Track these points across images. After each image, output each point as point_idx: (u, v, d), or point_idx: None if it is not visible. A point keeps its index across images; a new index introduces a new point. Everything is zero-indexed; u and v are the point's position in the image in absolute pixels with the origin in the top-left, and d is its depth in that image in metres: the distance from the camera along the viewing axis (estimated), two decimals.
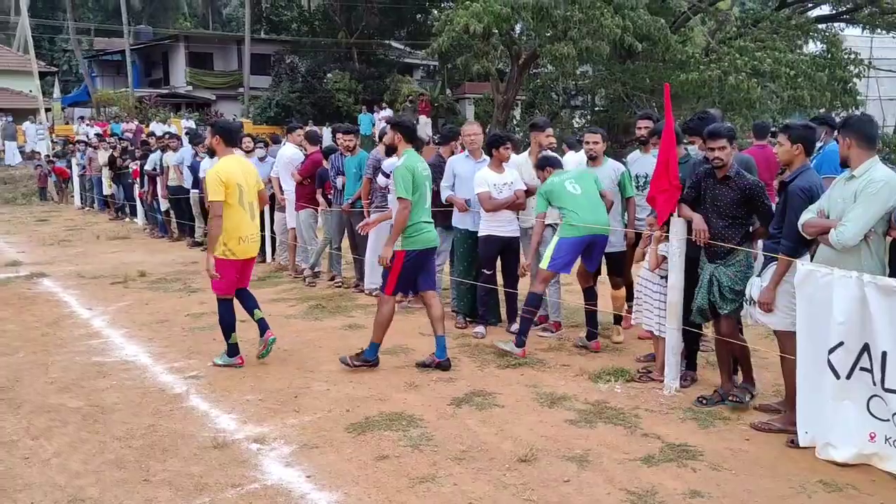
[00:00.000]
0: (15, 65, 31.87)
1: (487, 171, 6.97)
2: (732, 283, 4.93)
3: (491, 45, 23.05)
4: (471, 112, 35.74)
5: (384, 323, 5.86)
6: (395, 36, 37.99)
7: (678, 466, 4.16)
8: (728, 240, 4.96)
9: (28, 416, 5.05)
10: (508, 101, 25.67)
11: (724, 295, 4.95)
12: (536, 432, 4.67)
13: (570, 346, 6.59)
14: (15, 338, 7.03)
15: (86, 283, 9.57)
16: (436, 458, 4.31)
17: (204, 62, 39.11)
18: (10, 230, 15.68)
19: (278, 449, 4.47)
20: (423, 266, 5.97)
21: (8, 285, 9.52)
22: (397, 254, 5.77)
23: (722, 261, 4.99)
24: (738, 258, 4.96)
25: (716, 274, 4.98)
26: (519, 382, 5.62)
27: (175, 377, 5.85)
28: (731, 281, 4.94)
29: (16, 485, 4.05)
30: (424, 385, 5.58)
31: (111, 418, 4.98)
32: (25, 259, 11.59)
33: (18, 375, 5.90)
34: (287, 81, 35.48)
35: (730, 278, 4.94)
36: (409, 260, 5.79)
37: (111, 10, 44.57)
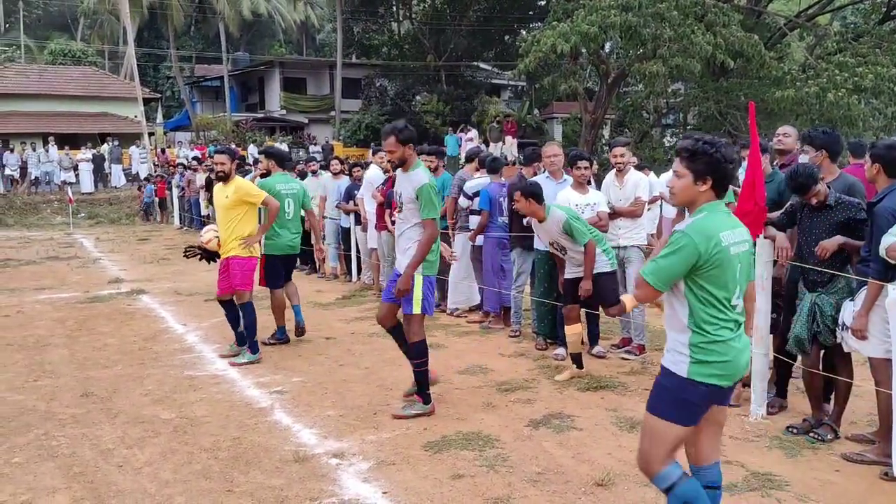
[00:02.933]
0: (122, 92, 33.63)
1: (570, 191, 6.94)
2: (835, 312, 4.70)
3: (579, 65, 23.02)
4: (559, 132, 35.65)
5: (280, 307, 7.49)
6: (483, 57, 38.32)
7: (762, 496, 4.02)
8: (827, 267, 4.76)
9: (123, 425, 5.30)
10: (597, 121, 25.48)
11: (827, 325, 4.72)
12: (615, 457, 4.60)
13: (653, 369, 6.46)
14: (115, 351, 7.40)
15: (182, 300, 9.99)
16: (511, 479, 4.30)
17: (297, 87, 40.38)
18: (114, 249, 16.53)
19: (356, 464, 4.55)
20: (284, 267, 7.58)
21: (110, 301, 10.04)
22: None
23: (823, 289, 4.78)
24: (839, 285, 4.73)
25: (818, 302, 4.76)
26: (599, 406, 5.55)
27: (261, 391, 6.04)
28: (833, 309, 4.71)
29: (110, 491, 4.26)
30: (502, 406, 5.57)
31: (200, 430, 5.18)
32: (126, 276, 12.20)
33: (116, 387, 6.21)
34: (377, 104, 36.25)
35: (832, 306, 4.71)
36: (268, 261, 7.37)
37: (211, 38, 46.65)
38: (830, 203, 4.74)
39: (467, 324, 8.36)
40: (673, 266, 3.02)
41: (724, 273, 3.03)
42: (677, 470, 3.11)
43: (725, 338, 3.04)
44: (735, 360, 3.05)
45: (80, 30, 50.13)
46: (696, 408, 3.07)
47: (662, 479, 3.10)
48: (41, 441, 5.03)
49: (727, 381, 3.05)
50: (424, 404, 5.40)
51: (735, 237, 3.08)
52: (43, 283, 11.64)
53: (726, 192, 3.18)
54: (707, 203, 3.12)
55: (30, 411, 5.63)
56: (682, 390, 3.05)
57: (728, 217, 3.16)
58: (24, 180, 26.49)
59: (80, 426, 5.30)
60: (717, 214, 3.10)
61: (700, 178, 3.09)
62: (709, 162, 3.07)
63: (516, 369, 6.54)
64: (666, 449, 3.09)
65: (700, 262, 2.99)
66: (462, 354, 7.04)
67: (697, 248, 2.98)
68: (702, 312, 3.04)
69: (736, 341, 3.07)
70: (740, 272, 3.10)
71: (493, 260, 8.05)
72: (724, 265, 3.02)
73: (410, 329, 5.39)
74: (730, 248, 3.04)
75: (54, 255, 15.27)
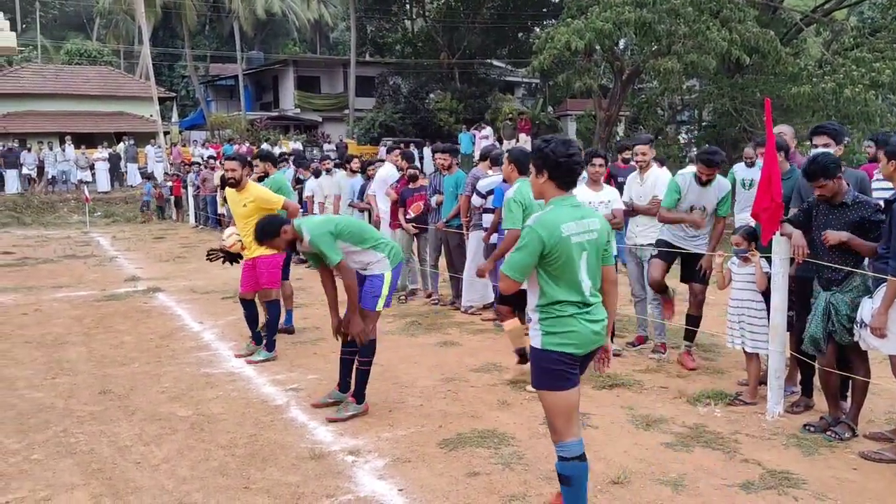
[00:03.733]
0: (137, 91, 33.82)
1: (584, 188, 6.91)
2: (851, 311, 4.67)
3: (593, 62, 22.93)
4: (573, 129, 35.53)
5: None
6: (497, 55, 38.27)
7: (779, 494, 4.00)
8: (845, 263, 4.71)
9: (140, 423, 5.34)
10: (611, 118, 25.39)
11: (842, 324, 4.69)
12: (630, 455, 4.59)
13: (669, 367, 6.45)
14: (132, 349, 7.46)
15: (198, 298, 10.04)
16: (527, 476, 4.30)
17: (311, 85, 40.50)
18: (130, 247, 16.63)
19: (372, 462, 4.57)
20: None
21: (126, 300, 10.10)
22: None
23: (838, 287, 4.74)
24: (854, 283, 4.69)
25: (833, 301, 4.73)
26: (614, 404, 5.53)
27: (277, 389, 6.06)
28: (849, 308, 4.68)
29: (127, 488, 4.29)
30: (517, 403, 5.57)
31: (216, 427, 5.21)
32: (143, 275, 12.27)
33: (133, 384, 6.25)
34: (390, 102, 36.28)
35: (848, 305, 4.68)
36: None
37: (225, 38, 46.86)
38: (847, 202, 4.70)
39: (481, 321, 8.36)
40: (524, 258, 3.43)
41: (568, 260, 3.43)
42: (577, 449, 3.51)
43: (570, 313, 3.45)
44: (581, 332, 3.45)
45: (95, 30, 50.50)
46: (559, 373, 3.45)
47: (563, 448, 3.51)
48: (60, 438, 5.08)
49: (577, 350, 3.46)
50: (358, 404, 5.38)
51: (580, 227, 3.48)
52: (60, 282, 11.73)
53: (572, 186, 3.58)
54: (553, 198, 3.56)
55: (48, 408, 5.68)
56: (541, 360, 3.49)
57: (575, 210, 3.53)
58: (42, 179, 26.69)
59: (98, 423, 5.34)
60: (562, 208, 3.51)
61: (539, 172, 3.57)
62: (542, 157, 3.54)
63: None
64: (558, 417, 3.51)
65: (546, 251, 3.40)
66: (476, 352, 7.04)
67: (542, 240, 3.39)
68: (549, 293, 3.46)
69: (582, 317, 3.47)
70: (587, 258, 3.50)
71: None
72: (567, 253, 3.42)
73: (366, 325, 5.27)
74: (571, 238, 3.44)
75: (71, 254, 15.38)
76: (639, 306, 7.17)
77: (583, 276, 3.47)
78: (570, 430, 3.50)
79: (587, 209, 3.67)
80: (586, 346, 3.49)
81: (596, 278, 3.55)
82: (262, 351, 6.93)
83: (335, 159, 14.35)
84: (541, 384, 3.52)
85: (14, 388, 6.21)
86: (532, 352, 3.55)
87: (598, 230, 3.55)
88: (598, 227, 3.55)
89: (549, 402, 3.50)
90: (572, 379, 3.47)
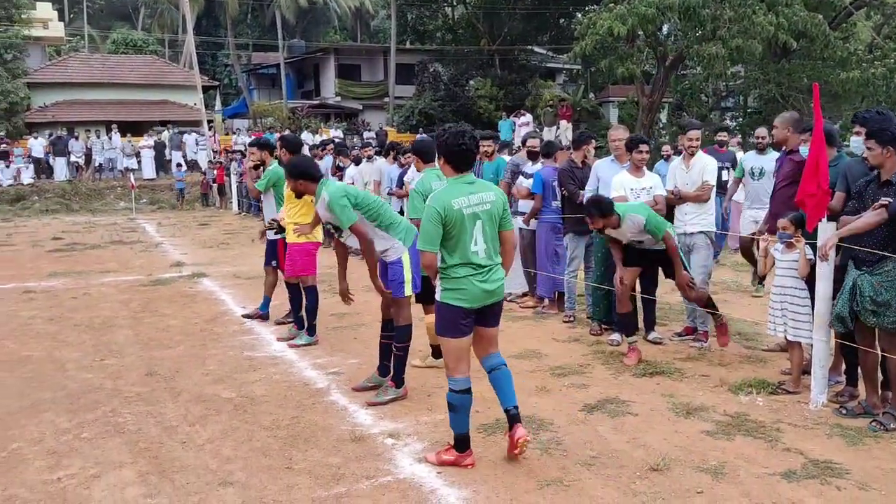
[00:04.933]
0: (181, 80, 34.31)
1: (626, 175, 6.87)
2: (874, 293, 4.61)
3: (636, 48, 22.63)
4: (614, 115, 35.17)
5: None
6: (538, 41, 37.95)
7: (821, 483, 3.95)
8: (885, 247, 4.63)
9: (186, 404, 5.47)
10: (654, 104, 25.07)
11: (865, 305, 4.64)
12: (670, 442, 4.57)
13: (710, 356, 6.38)
14: (177, 332, 7.62)
15: (241, 283, 10.20)
16: (565, 462, 4.31)
17: (352, 73, 40.63)
18: (175, 234, 16.93)
19: (411, 445, 4.62)
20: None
21: (172, 285, 10.31)
22: None
23: (869, 268, 4.68)
24: (886, 268, 4.61)
25: (859, 282, 4.68)
26: (654, 391, 5.51)
27: (318, 373, 6.15)
28: (872, 290, 4.62)
29: (174, 466, 4.40)
30: (556, 390, 5.58)
31: (259, 409, 5.31)
32: (188, 260, 12.51)
33: (179, 367, 6.40)
34: (430, 90, 36.21)
35: (872, 287, 4.62)
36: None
37: (267, 26, 47.22)
38: (893, 180, 4.62)
39: (521, 309, 8.36)
40: (429, 230, 4.11)
41: (461, 229, 4.12)
42: (465, 384, 4.25)
43: (462, 275, 4.16)
44: (471, 290, 4.15)
45: (140, 19, 51.28)
46: (454, 323, 4.18)
47: (453, 381, 4.26)
48: (108, 418, 5.22)
49: (469, 304, 4.16)
50: (397, 388, 5.45)
51: (472, 201, 4.17)
52: (108, 267, 12.01)
53: (466, 168, 4.26)
54: (451, 177, 4.27)
55: (97, 389, 5.85)
56: (441, 311, 4.23)
57: (468, 186, 4.22)
58: (89, 167, 27.27)
59: (145, 404, 5.48)
60: (455, 186, 4.21)
61: (438, 157, 4.39)
62: (438, 145, 4.39)
63: (570, 354, 6.53)
64: (451, 357, 4.25)
65: (443, 221, 4.08)
66: (516, 339, 7.04)
67: (438, 212, 4.09)
68: (447, 257, 4.17)
69: (474, 278, 4.16)
70: (482, 227, 4.18)
71: (548, 245, 8.01)
72: (460, 223, 4.11)
73: (400, 313, 5.44)
74: (463, 210, 4.13)
75: (118, 240, 15.72)
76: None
77: (478, 242, 4.17)
78: (460, 368, 4.24)
79: (482, 184, 4.34)
80: (477, 302, 4.18)
81: (494, 243, 4.25)
82: (304, 335, 7.03)
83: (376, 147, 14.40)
84: (441, 331, 4.26)
85: (64, 370, 6.39)
86: (436, 305, 4.25)
87: (493, 202, 4.23)
88: (493, 200, 4.23)
89: (446, 345, 4.25)
90: (464, 328, 4.20)
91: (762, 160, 8.40)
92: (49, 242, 15.40)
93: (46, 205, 23.68)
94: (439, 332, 4.27)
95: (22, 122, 29.17)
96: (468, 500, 3.88)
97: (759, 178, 8.38)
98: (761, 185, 8.26)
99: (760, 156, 8.51)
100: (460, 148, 4.22)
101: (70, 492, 4.10)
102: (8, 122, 28.00)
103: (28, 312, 8.68)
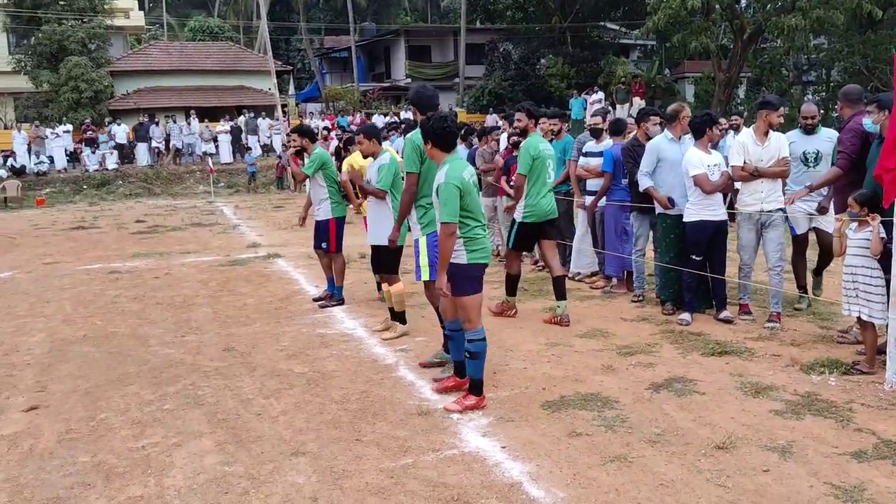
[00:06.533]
0: (256, 65, 35.00)
1: (695, 151, 6.74)
2: None
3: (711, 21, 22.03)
4: (690, 92, 34.32)
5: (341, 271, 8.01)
6: (610, 17, 37.27)
7: (893, 464, 3.87)
8: None
9: (261, 378, 5.68)
10: (731, 79, 24.41)
11: None
12: (737, 421, 4.53)
13: (782, 336, 6.26)
14: (253, 310, 7.88)
15: (314, 264, 10.37)
16: (629, 439, 4.33)
17: (422, 55, 40.76)
18: (252, 216, 17.42)
19: (476, 420, 4.70)
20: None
21: (248, 265, 10.64)
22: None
23: None
24: None
25: None
26: (723, 371, 5.45)
27: (386, 350, 6.30)
28: None
29: (249, 436, 4.60)
30: (622, 369, 5.57)
31: (330, 384, 5.48)
32: (263, 242, 12.87)
33: (255, 343, 6.64)
34: (500, 70, 36.03)
35: None
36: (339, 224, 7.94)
37: (339, 10, 47.67)
38: None
39: (590, 289, 8.33)
40: (454, 205, 4.65)
41: (472, 198, 4.77)
42: (483, 332, 4.87)
43: (482, 235, 4.86)
44: (487, 247, 4.89)
45: (216, 6, 52.46)
46: (478, 279, 4.84)
47: (475, 333, 4.82)
48: (188, 390, 5.47)
49: (487, 260, 4.87)
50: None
51: (471, 171, 4.89)
52: (188, 248, 12.47)
53: (453, 147, 4.90)
54: (444, 158, 4.85)
55: (178, 363, 6.12)
56: (471, 272, 4.80)
57: (462, 161, 4.91)
58: (169, 152, 28.20)
59: (222, 378, 5.72)
60: (454, 163, 4.81)
61: (426, 142, 4.96)
62: (425, 131, 4.94)
63: (638, 333, 6.50)
64: (474, 311, 4.83)
65: (462, 193, 4.67)
66: (583, 318, 7.04)
67: (458, 187, 4.65)
68: (470, 222, 4.79)
69: (484, 238, 4.88)
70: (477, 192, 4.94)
71: (617, 223, 7.95)
72: (470, 193, 4.76)
73: (431, 294, 5.74)
74: (471, 181, 4.80)
75: (198, 222, 16.27)
76: (744, 273, 6.91)
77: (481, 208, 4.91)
78: (479, 320, 4.84)
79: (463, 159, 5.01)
80: (489, 257, 4.94)
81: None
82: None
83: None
84: (465, 290, 4.76)
85: (147, 345, 6.71)
86: (458, 268, 4.75)
87: (473, 172, 4.95)
88: (473, 171, 4.94)
89: (471, 302, 4.79)
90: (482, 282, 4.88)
91: (815, 142, 6.91)
92: (132, 225, 16.07)
93: (130, 189, 24.65)
94: (468, 291, 4.77)
95: (106, 109, 30.33)
96: (532, 474, 3.94)
97: (814, 164, 6.87)
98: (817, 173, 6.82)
99: (809, 136, 6.94)
100: (445, 130, 4.82)
101: (154, 459, 4.34)
102: (93, 109, 29.15)
103: (114, 291, 9.11)
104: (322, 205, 7.87)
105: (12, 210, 21.66)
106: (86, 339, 7.03)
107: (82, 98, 28.68)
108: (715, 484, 3.76)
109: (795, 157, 6.81)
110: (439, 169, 4.84)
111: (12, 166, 24.82)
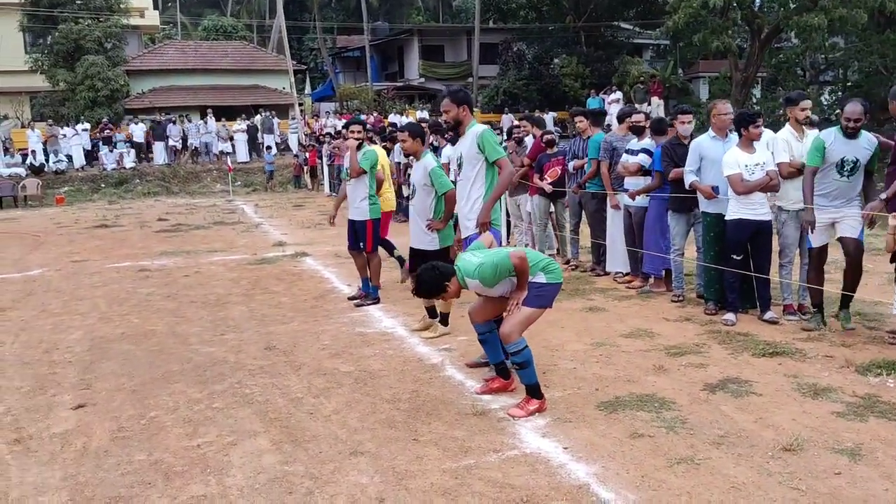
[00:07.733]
0: (271, 64, 35.07)
1: (738, 151, 6.68)
2: None
3: (731, 20, 21.92)
4: (704, 91, 34.20)
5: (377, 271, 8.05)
6: (624, 16, 37.16)
7: None
8: None
9: (308, 377, 5.64)
10: (748, 79, 24.30)
11: None
12: (800, 422, 4.46)
13: (831, 336, 6.19)
14: (289, 309, 7.85)
15: (343, 262, 10.39)
16: (692, 440, 4.27)
17: (435, 54, 40.71)
18: (273, 214, 17.40)
19: (533, 420, 4.64)
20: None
21: (277, 263, 10.62)
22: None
23: None
24: None
25: None
26: (776, 372, 5.38)
27: (430, 349, 6.25)
28: None
29: (304, 436, 4.55)
30: (674, 369, 5.51)
31: (379, 382, 5.43)
32: (288, 240, 12.85)
33: (295, 341, 6.60)
34: (514, 69, 35.95)
35: None
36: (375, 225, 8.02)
37: (351, 9, 47.66)
38: None
39: (626, 288, 8.26)
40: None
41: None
42: (523, 341, 4.82)
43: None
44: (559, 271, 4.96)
45: (229, 5, 52.54)
46: (552, 297, 4.94)
47: (517, 344, 4.78)
48: (235, 389, 5.43)
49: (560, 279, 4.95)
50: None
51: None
52: (214, 246, 12.45)
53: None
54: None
55: (221, 362, 6.09)
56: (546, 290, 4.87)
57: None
58: (186, 151, 28.24)
59: (268, 376, 5.68)
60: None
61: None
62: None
63: (684, 334, 6.43)
64: (531, 324, 4.93)
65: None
66: (624, 318, 6.99)
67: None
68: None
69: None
70: None
71: (660, 221, 7.86)
72: None
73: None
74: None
75: (220, 221, 16.26)
76: (786, 271, 6.84)
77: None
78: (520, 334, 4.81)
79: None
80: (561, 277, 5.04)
81: None
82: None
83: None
84: (537, 305, 4.83)
85: (188, 344, 6.68)
86: (537, 286, 4.82)
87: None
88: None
89: (535, 316, 4.87)
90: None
91: (856, 149, 6.12)
92: (155, 223, 16.08)
93: (148, 187, 24.69)
94: (535, 305, 4.83)
95: (122, 108, 30.39)
96: (598, 476, 3.88)
97: (849, 174, 6.13)
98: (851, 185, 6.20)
99: (852, 140, 6.12)
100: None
101: (211, 458, 4.29)
102: (109, 108, 29.23)
103: (146, 289, 9.09)
104: (361, 204, 7.82)
105: (33, 208, 21.73)
106: (124, 336, 7.01)
107: (98, 97, 28.79)
108: (788, 487, 3.69)
109: (830, 162, 6.11)
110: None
111: (31, 165, 24.90)
